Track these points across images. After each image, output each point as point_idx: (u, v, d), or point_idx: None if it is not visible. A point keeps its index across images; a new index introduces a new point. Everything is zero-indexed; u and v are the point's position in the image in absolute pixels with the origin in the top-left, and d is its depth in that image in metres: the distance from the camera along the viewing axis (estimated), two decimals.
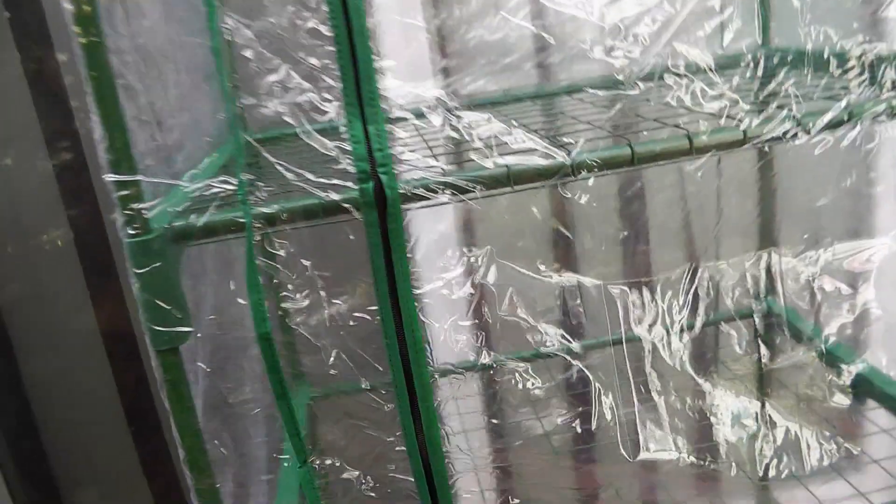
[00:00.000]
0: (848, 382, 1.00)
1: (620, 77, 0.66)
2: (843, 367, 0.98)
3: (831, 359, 0.99)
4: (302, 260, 0.61)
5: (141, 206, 0.57)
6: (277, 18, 0.57)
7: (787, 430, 0.94)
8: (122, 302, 1.60)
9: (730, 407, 0.99)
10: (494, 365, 1.00)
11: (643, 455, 0.96)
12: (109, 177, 0.57)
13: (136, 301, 0.60)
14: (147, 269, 0.58)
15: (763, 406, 0.94)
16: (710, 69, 0.64)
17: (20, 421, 1.62)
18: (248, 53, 0.57)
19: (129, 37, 0.68)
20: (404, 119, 0.61)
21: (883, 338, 1.00)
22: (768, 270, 0.96)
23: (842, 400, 0.98)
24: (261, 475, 0.73)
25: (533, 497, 1.16)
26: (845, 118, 0.62)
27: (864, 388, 1.03)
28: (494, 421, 1.16)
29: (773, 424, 0.94)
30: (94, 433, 1.65)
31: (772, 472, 0.83)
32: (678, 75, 0.65)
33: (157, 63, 0.73)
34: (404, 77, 0.69)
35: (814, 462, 0.88)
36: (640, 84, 0.66)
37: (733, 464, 0.85)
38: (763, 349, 1.01)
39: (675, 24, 0.66)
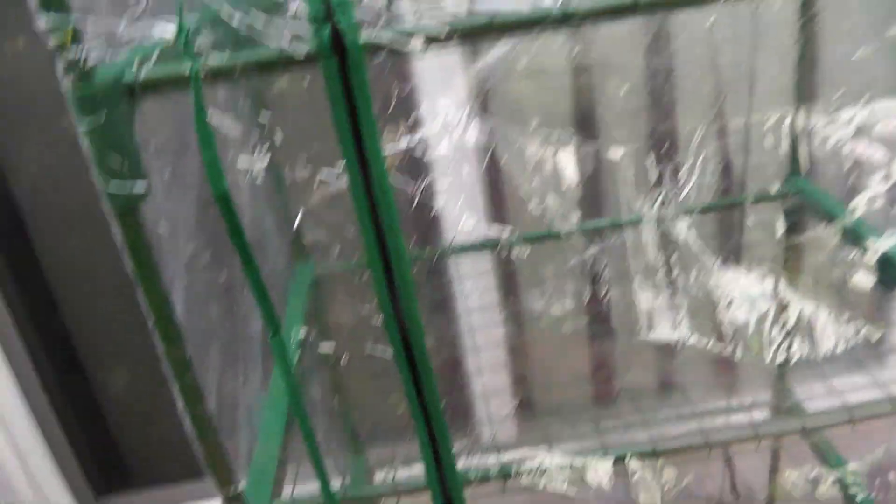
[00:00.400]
0: (872, 261, 0.93)
1: None
2: (868, 244, 0.91)
3: (855, 235, 0.93)
4: (257, 113, 0.57)
5: (80, 56, 0.53)
6: None
7: (801, 313, 0.89)
8: None
9: (743, 288, 0.94)
10: (502, 245, 0.96)
11: (652, 335, 0.93)
12: (41, 21, 0.52)
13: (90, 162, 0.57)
14: (94, 123, 0.54)
15: (776, 287, 0.89)
16: None
17: (42, 299, 1.65)
18: None
19: None
20: None
21: None
22: (794, 137, 0.88)
23: (864, 280, 0.92)
24: (251, 334, 0.72)
25: (540, 379, 1.15)
26: None
27: (892, 270, 0.97)
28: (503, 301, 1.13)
29: (786, 306, 0.89)
30: (111, 309, 1.67)
31: (780, 357, 0.79)
32: None
33: None
34: None
35: (829, 347, 0.84)
36: None
37: (739, 347, 0.81)
38: (782, 227, 0.95)
39: None
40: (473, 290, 1.05)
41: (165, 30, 0.54)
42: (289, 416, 0.76)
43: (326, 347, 0.67)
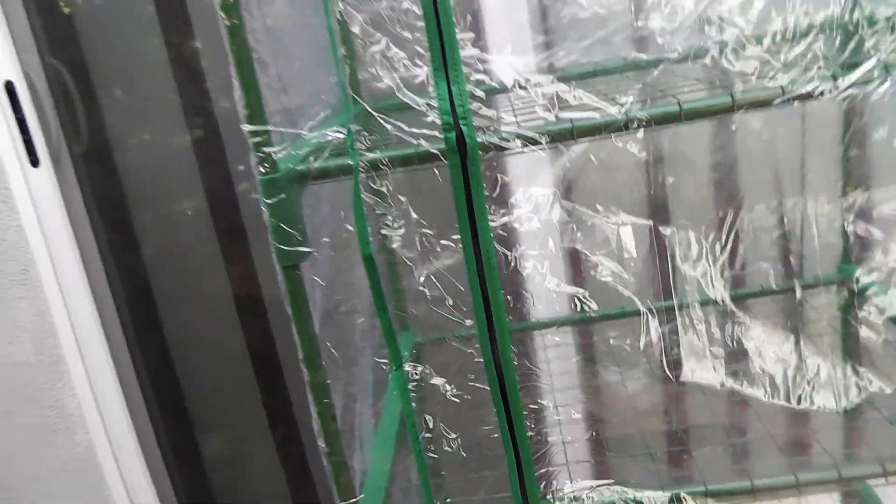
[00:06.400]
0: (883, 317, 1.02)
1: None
2: (876, 301, 1.00)
3: (864, 294, 1.02)
4: (399, 196, 0.75)
5: (270, 149, 0.72)
6: (378, 3, 0.71)
7: (820, 364, 0.99)
8: (251, 264, 1.81)
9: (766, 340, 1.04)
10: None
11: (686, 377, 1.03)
12: (246, 127, 0.72)
13: (268, 229, 0.76)
14: (274, 200, 0.73)
15: (798, 340, 0.99)
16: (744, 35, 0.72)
17: (162, 368, 1.87)
18: (356, 30, 0.71)
19: (261, 19, 0.83)
20: (482, 81, 0.73)
21: None
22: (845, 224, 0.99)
23: (874, 334, 1.00)
24: (365, 375, 0.88)
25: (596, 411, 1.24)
26: (875, 75, 0.70)
27: None
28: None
29: (805, 357, 0.99)
30: (225, 381, 1.88)
31: (805, 403, 0.90)
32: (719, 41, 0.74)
33: (283, 40, 0.88)
34: (507, 50, 0.81)
35: (850, 397, 0.94)
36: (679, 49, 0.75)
37: (768, 389, 0.92)
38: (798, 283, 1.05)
39: None
40: (554, 358, 1.18)
41: (336, 133, 0.73)
42: (397, 441, 0.91)
43: (434, 380, 0.82)
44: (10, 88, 1.57)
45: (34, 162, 1.61)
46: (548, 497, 0.85)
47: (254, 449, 1.96)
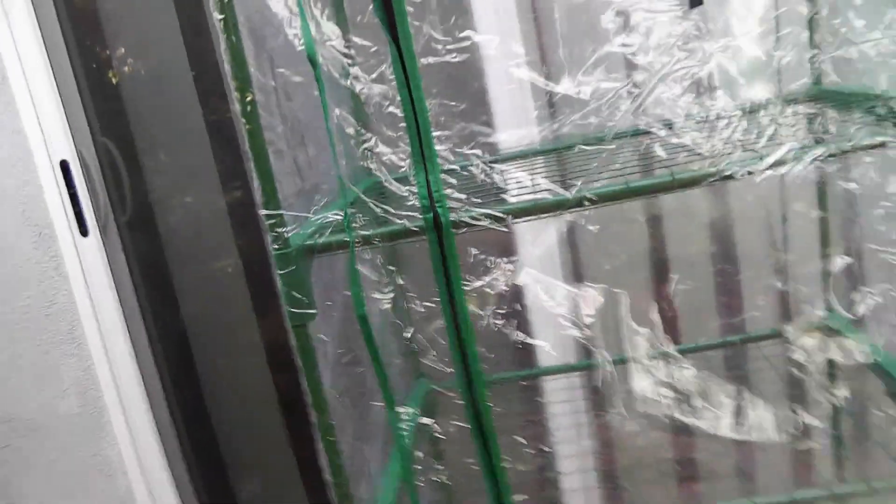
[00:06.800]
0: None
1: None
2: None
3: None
4: (389, 266, 0.90)
5: (283, 230, 0.88)
6: (368, 108, 0.86)
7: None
8: (282, 319, 1.97)
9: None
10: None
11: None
12: (262, 211, 0.88)
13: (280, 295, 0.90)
14: (286, 271, 0.89)
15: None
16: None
17: (197, 416, 2.02)
18: (350, 131, 0.87)
19: (280, 115, 1.00)
20: (454, 170, 0.88)
21: None
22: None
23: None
24: (373, 421, 1.02)
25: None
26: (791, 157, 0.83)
27: None
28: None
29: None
30: (256, 426, 2.02)
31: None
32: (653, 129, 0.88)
33: (300, 130, 1.05)
34: (510, 125, 0.96)
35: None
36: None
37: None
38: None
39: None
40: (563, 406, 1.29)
41: (336, 216, 0.89)
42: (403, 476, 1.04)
43: (428, 421, 0.95)
44: (64, 167, 1.77)
45: (84, 232, 1.80)
46: None
47: (283, 491, 2.08)
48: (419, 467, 0.97)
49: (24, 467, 1.95)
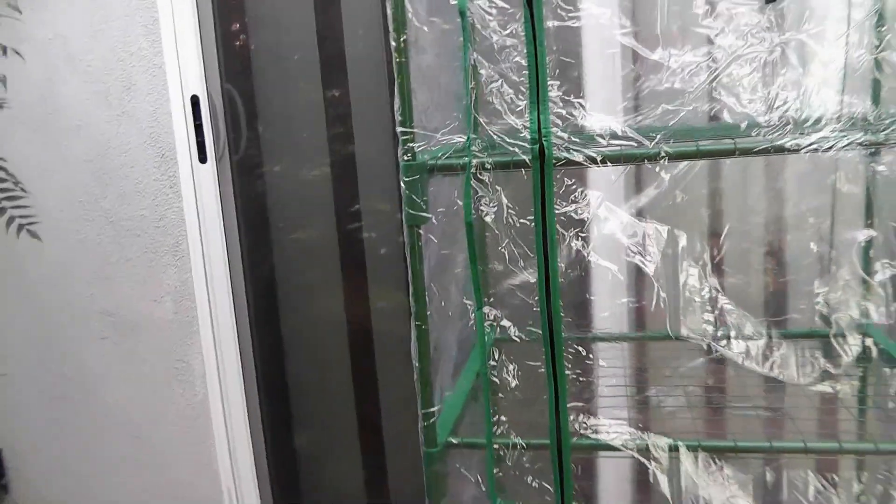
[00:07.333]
0: None
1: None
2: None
3: None
4: (496, 186, 1.10)
5: (413, 145, 1.08)
6: (500, 55, 1.06)
7: None
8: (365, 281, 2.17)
9: None
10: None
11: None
12: (399, 128, 1.09)
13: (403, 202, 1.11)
14: (410, 178, 1.09)
15: None
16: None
17: (275, 350, 2.23)
18: (483, 72, 1.07)
19: (416, 62, 1.19)
20: (561, 113, 1.07)
21: None
22: None
23: None
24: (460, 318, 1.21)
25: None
26: None
27: None
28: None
29: None
30: (326, 376, 2.23)
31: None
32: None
33: (434, 75, 1.25)
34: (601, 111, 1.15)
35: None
36: None
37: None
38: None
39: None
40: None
41: (459, 139, 1.09)
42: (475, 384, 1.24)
43: (507, 324, 1.14)
44: (194, 101, 2.01)
45: (203, 159, 2.04)
46: (575, 426, 1.15)
47: (338, 443, 2.28)
48: (494, 363, 1.16)
49: (118, 360, 2.19)
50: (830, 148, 1.01)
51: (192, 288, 2.11)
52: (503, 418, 1.16)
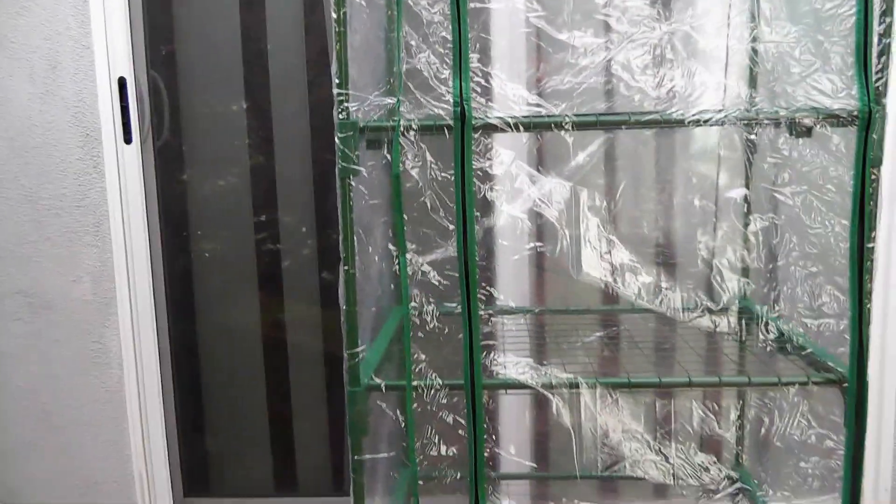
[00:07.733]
0: None
1: None
2: None
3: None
4: (421, 143, 1.23)
5: (347, 105, 1.21)
6: (428, 29, 1.21)
7: None
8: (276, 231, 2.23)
9: None
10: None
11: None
12: (336, 90, 1.21)
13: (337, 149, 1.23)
14: (344, 135, 1.21)
15: None
16: None
17: (188, 328, 2.27)
18: (412, 43, 1.21)
19: (352, 40, 1.31)
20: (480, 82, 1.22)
21: None
22: None
23: None
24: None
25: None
26: None
27: None
28: None
29: None
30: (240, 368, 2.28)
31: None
32: None
33: (368, 44, 1.37)
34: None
35: None
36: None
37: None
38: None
39: None
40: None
41: (389, 100, 1.22)
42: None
43: (427, 268, 1.27)
44: (121, 83, 2.06)
45: (128, 140, 2.08)
46: (487, 364, 1.28)
47: (249, 431, 2.33)
48: (415, 305, 1.28)
49: (33, 341, 2.18)
50: (709, 120, 1.20)
51: (112, 269, 2.13)
52: (422, 356, 1.28)
